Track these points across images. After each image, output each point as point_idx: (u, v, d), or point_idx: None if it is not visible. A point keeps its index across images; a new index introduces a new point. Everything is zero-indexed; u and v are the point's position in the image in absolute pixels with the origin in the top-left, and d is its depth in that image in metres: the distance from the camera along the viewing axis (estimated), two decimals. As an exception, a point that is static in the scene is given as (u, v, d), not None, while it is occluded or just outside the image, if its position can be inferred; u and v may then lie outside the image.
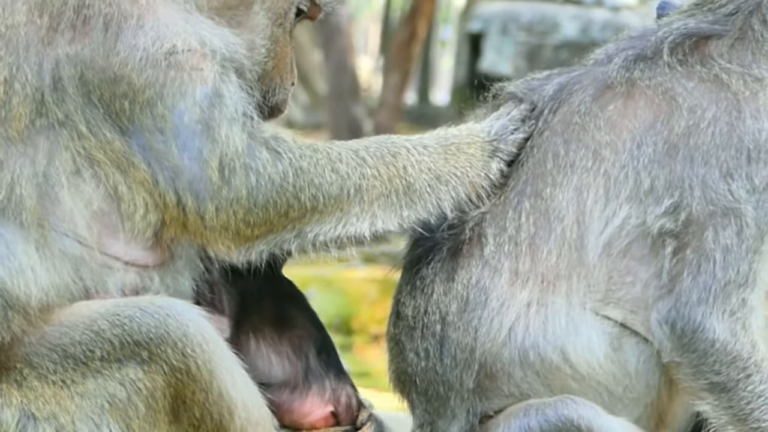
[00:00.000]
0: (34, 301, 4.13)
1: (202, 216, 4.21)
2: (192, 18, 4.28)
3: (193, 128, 4.19)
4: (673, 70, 4.46)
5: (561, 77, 4.61)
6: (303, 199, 4.26)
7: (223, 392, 4.22)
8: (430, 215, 4.42)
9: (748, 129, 4.34)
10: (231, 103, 4.23)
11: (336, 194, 4.30)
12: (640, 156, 4.37)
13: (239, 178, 4.20)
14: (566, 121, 4.48)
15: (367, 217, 4.34)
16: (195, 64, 4.20)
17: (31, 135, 4.17)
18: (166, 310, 4.17)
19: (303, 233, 4.30)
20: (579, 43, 23.85)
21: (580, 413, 4.32)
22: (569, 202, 4.40)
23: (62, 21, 4.19)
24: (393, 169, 4.38)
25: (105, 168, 4.20)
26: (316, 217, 4.29)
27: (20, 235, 4.13)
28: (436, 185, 4.42)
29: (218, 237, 4.25)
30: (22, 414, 4.13)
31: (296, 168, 4.26)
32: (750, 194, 4.31)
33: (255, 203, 4.23)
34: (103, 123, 4.19)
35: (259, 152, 4.24)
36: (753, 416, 4.31)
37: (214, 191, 4.20)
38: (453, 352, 4.43)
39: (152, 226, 4.24)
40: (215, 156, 4.19)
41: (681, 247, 4.32)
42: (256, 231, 4.26)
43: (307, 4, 4.63)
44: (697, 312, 4.28)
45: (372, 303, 14.00)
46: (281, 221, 4.27)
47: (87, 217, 4.20)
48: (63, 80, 4.17)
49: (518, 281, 4.40)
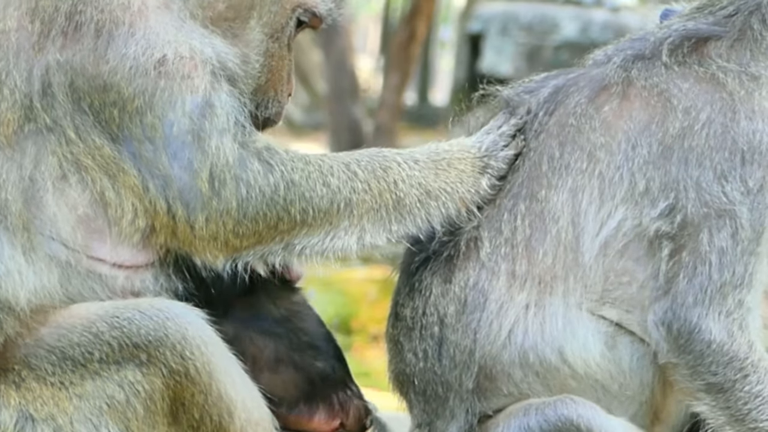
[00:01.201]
0: (23, 303, 4.13)
1: (191, 225, 4.21)
2: (185, 27, 4.26)
3: (183, 139, 4.18)
4: (670, 70, 4.46)
5: (558, 79, 4.62)
6: (293, 212, 4.26)
7: (222, 394, 4.22)
8: (419, 230, 4.43)
9: (742, 130, 4.34)
10: (222, 113, 4.22)
11: (326, 208, 4.30)
12: (635, 157, 4.38)
13: (229, 190, 4.20)
14: (561, 123, 4.49)
15: (356, 230, 4.34)
16: (186, 72, 4.19)
17: (19, 140, 4.16)
18: (165, 313, 4.17)
19: (291, 246, 4.30)
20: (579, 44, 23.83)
21: (580, 413, 4.33)
22: (564, 203, 4.40)
23: (54, 27, 4.19)
24: (384, 183, 4.37)
25: (92, 173, 4.20)
26: (305, 230, 4.29)
27: (6, 240, 4.13)
28: (426, 200, 4.42)
29: (206, 246, 4.24)
30: (21, 415, 4.13)
31: (288, 181, 4.26)
32: (744, 196, 4.31)
33: (245, 215, 4.22)
34: (92, 129, 4.19)
35: (251, 163, 4.23)
36: (750, 416, 4.31)
37: (204, 202, 4.20)
38: (452, 354, 4.44)
39: (140, 231, 4.24)
40: (205, 167, 4.18)
41: (677, 249, 4.32)
42: (245, 242, 4.26)
43: (307, 16, 4.63)
44: (694, 313, 4.28)
45: (371, 303, 13.99)
46: (270, 233, 4.27)
47: (72, 221, 4.19)
48: (53, 86, 4.16)
49: (516, 283, 4.40)
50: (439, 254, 4.50)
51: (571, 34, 25.63)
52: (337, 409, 4.64)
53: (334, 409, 4.64)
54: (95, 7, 4.18)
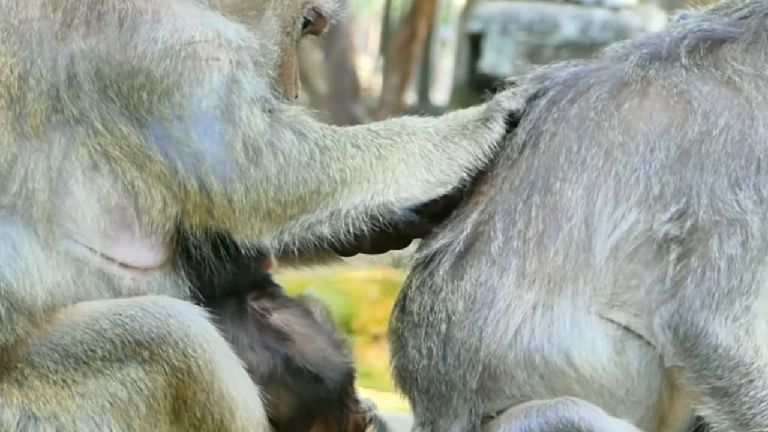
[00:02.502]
0: (39, 302, 4.13)
1: (230, 198, 4.23)
2: (206, 14, 4.31)
3: (212, 114, 4.22)
4: (690, 72, 4.46)
5: (578, 68, 4.62)
6: (332, 174, 4.32)
7: (224, 392, 4.22)
8: (446, 176, 4.48)
9: (759, 138, 4.34)
10: (249, 87, 4.27)
11: (360, 166, 4.37)
12: (653, 161, 4.37)
13: (267, 158, 4.24)
14: (582, 116, 4.48)
15: (392, 185, 4.41)
16: (211, 53, 4.23)
17: (47, 131, 4.17)
18: (167, 310, 4.17)
19: (336, 210, 4.34)
20: (579, 43, 23.89)
21: (581, 415, 4.32)
22: (578, 201, 4.40)
23: (76, 16, 4.20)
24: (405, 136, 4.48)
25: (121, 164, 4.21)
26: (346, 191, 4.35)
27: (26, 234, 4.13)
28: (444, 144, 4.50)
29: (248, 220, 4.26)
30: (23, 414, 4.12)
31: (321, 146, 4.33)
32: (757, 205, 4.30)
33: (285, 180, 4.26)
34: (119, 118, 4.20)
35: (283, 133, 4.29)
36: (755, 421, 4.31)
37: (241, 172, 4.23)
38: (457, 352, 4.43)
39: (172, 218, 4.25)
40: (238, 138, 4.22)
41: (685, 254, 4.32)
42: (289, 210, 4.29)
43: (313, 15, 4.68)
44: (700, 317, 4.27)
45: (372, 303, 13.99)
46: (314, 198, 4.31)
47: (98, 212, 4.20)
48: (78, 76, 4.18)
49: (525, 282, 4.40)
50: (452, 249, 4.49)
51: (571, 34, 25.65)
52: (334, 426, 4.63)
53: (331, 426, 4.63)
54: None
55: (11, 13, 4.22)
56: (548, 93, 4.58)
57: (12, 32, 4.20)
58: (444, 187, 4.49)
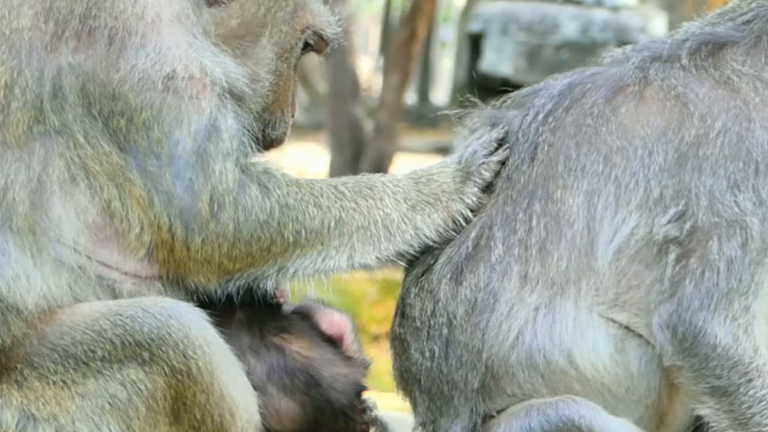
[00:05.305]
0: (31, 306, 4.13)
1: (188, 246, 4.23)
2: (196, 43, 4.27)
3: (186, 158, 4.19)
4: (688, 73, 4.46)
5: (572, 77, 4.62)
6: (286, 234, 4.30)
7: (224, 394, 4.21)
8: (409, 246, 4.47)
9: (757, 140, 4.34)
10: (227, 136, 4.24)
11: (317, 228, 4.34)
12: (651, 164, 4.38)
13: (227, 214, 4.22)
14: (579, 122, 4.48)
15: (346, 250, 4.39)
16: (194, 93, 4.20)
17: (28, 141, 4.15)
18: (168, 311, 4.16)
19: (284, 268, 4.34)
20: (579, 43, 23.86)
21: (581, 413, 4.32)
22: (580, 207, 4.41)
23: (67, 29, 4.18)
24: (371, 201, 4.43)
25: (100, 179, 4.19)
26: (297, 252, 4.33)
27: (14, 243, 4.12)
28: (412, 214, 4.47)
29: (200, 269, 4.27)
30: (22, 414, 4.12)
31: (283, 205, 4.30)
32: (756, 207, 4.31)
33: (240, 238, 4.25)
34: (101, 135, 4.18)
35: (250, 188, 4.26)
36: (754, 420, 4.31)
37: (202, 224, 4.22)
38: (459, 353, 4.44)
39: (146, 246, 4.24)
40: (206, 190, 4.20)
41: (684, 255, 4.32)
42: (238, 265, 4.28)
43: (314, 38, 4.67)
44: (699, 317, 4.28)
45: (372, 303, 13.98)
46: (263, 256, 4.30)
47: (78, 226, 4.18)
48: (64, 88, 4.16)
49: (527, 285, 4.40)
50: (450, 255, 4.49)
51: (571, 34, 25.59)
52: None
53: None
54: (109, 13, 4.18)
55: (3, 21, 4.19)
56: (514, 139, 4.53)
57: (2, 41, 4.18)
58: (402, 256, 4.49)
